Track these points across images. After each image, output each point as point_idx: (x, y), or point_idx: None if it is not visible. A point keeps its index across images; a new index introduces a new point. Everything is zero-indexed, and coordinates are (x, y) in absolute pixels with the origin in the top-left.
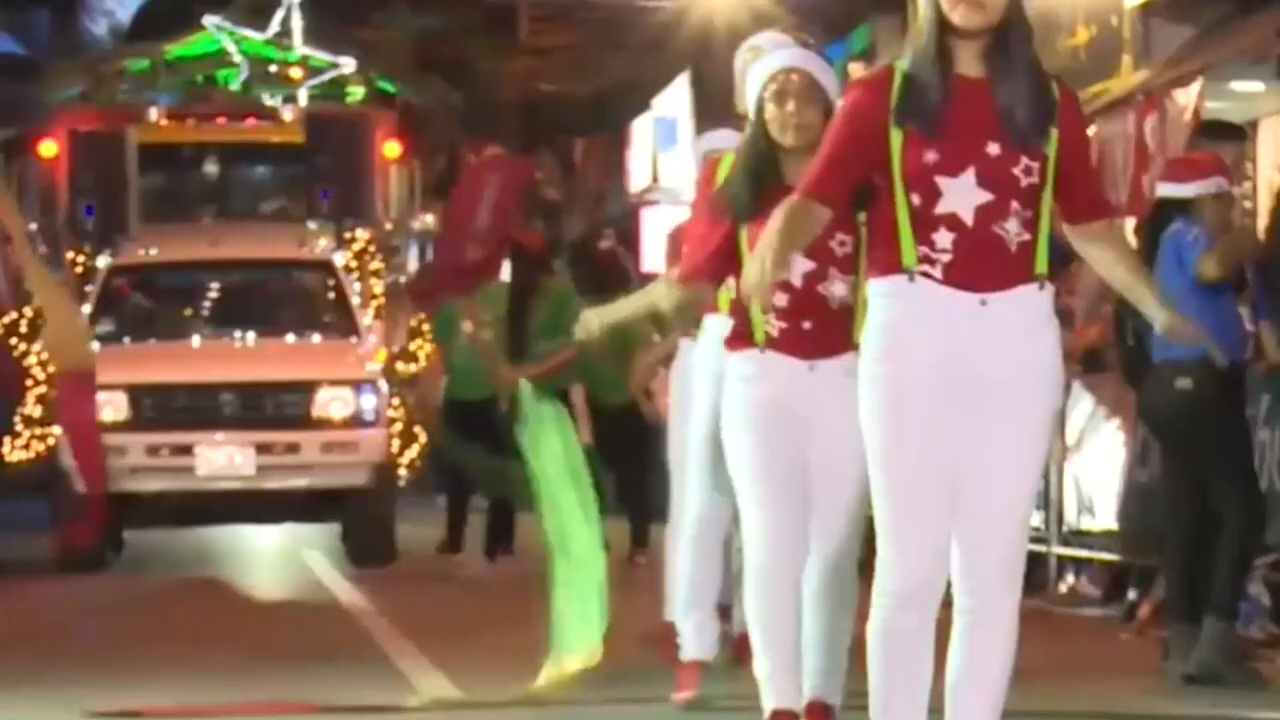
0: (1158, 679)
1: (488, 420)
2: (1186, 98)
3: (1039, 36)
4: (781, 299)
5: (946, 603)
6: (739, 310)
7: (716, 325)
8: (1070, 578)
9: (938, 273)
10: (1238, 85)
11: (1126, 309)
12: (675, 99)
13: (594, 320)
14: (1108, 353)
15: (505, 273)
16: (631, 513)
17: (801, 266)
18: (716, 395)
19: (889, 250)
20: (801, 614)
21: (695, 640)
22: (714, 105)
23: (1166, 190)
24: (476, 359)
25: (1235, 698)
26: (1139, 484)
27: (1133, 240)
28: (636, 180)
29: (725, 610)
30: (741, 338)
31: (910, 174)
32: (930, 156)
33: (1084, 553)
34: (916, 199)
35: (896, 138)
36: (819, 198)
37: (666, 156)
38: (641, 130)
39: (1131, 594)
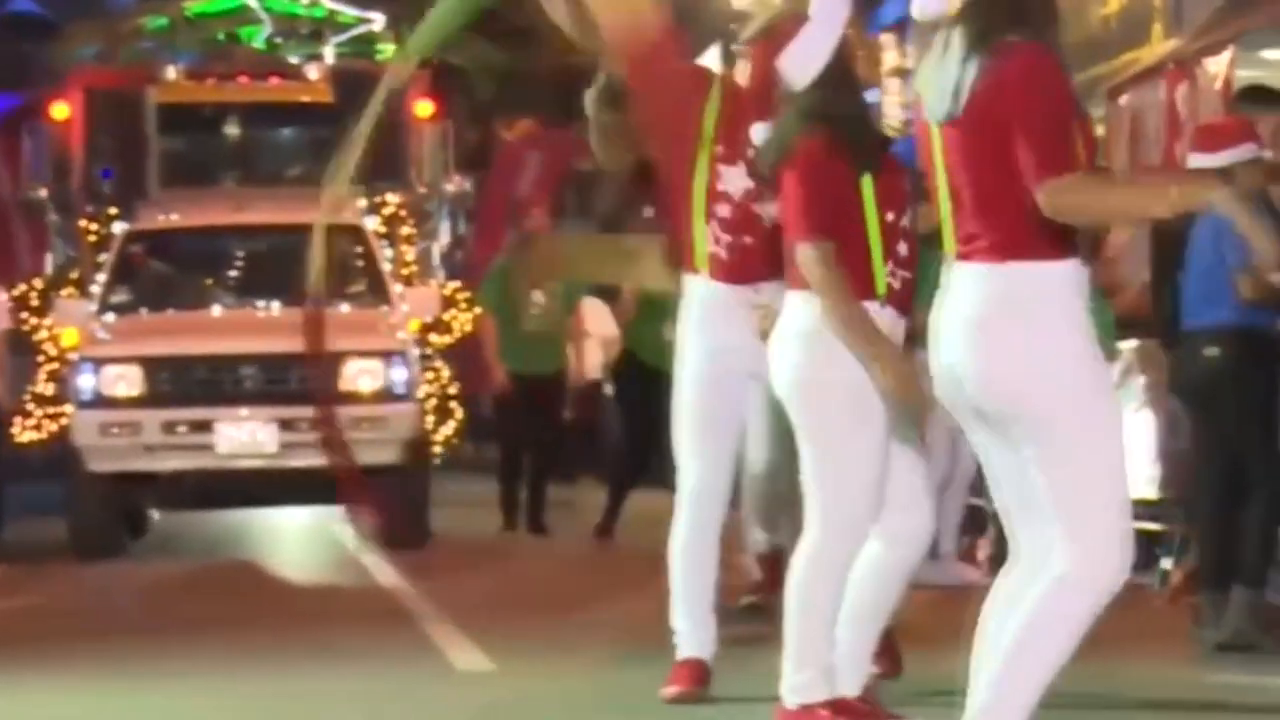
0: (1189, 646)
1: (550, 396)
2: (1217, 66)
3: (1071, 6)
4: (904, 247)
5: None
6: (859, 259)
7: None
8: None
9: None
10: (1269, 54)
11: (1165, 275)
12: None
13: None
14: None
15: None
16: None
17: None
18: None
19: None
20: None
21: None
22: None
23: (1198, 161)
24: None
25: (1266, 665)
26: (1173, 452)
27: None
28: None
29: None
30: (863, 287)
31: None
32: None
33: None
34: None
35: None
36: None
37: None
38: None
39: (1165, 562)
